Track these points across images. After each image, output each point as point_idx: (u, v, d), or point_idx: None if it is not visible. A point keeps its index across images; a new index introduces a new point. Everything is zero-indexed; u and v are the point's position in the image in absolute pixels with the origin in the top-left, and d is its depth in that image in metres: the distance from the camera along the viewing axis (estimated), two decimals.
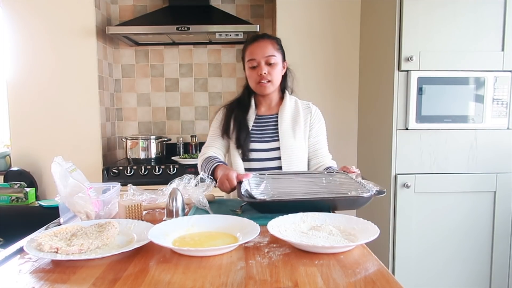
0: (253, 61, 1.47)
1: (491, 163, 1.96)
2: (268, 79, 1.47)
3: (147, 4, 2.74)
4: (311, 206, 1.03)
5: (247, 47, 1.51)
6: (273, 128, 1.53)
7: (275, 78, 1.49)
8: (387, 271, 0.72)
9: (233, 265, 0.74)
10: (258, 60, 1.46)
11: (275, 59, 1.47)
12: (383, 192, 1.08)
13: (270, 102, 1.58)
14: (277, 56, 1.49)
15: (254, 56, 1.47)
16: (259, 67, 1.46)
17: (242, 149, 1.49)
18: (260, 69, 1.46)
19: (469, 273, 1.99)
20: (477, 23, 1.88)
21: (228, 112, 1.58)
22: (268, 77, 1.47)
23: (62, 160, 1.03)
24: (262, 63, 1.46)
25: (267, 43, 1.49)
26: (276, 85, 1.51)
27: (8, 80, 2.40)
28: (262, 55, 1.46)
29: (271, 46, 1.48)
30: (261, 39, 1.50)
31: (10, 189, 1.56)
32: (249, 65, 1.48)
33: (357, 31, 2.45)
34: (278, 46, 1.51)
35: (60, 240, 0.84)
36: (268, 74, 1.46)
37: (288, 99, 1.57)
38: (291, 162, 1.49)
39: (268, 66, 1.47)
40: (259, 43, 1.49)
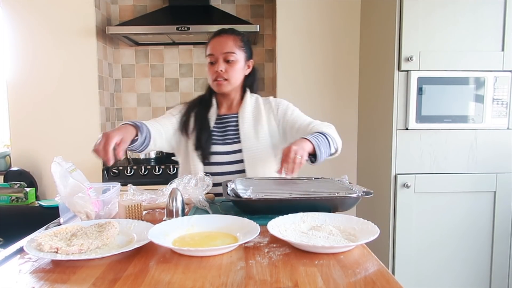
0: (212, 56, 1.40)
1: (491, 163, 1.96)
2: (224, 77, 1.39)
3: (147, 4, 2.74)
4: (298, 206, 1.02)
5: (209, 42, 1.43)
6: (234, 129, 1.46)
7: (232, 77, 1.40)
8: (387, 271, 0.72)
9: (233, 265, 0.74)
10: (217, 56, 1.39)
11: (234, 56, 1.39)
12: (371, 193, 1.08)
13: (231, 101, 1.50)
14: (238, 54, 1.40)
15: (213, 51, 1.39)
16: (217, 64, 1.39)
17: (202, 152, 1.41)
18: (217, 66, 1.38)
19: (469, 273, 1.99)
20: (477, 23, 1.88)
21: (189, 108, 1.49)
22: (225, 75, 1.39)
23: (62, 160, 1.03)
24: (220, 60, 1.38)
25: (229, 39, 1.40)
26: (234, 84, 1.43)
27: (8, 80, 2.40)
28: (221, 51, 1.38)
29: (232, 42, 1.40)
30: (223, 34, 1.42)
31: (10, 189, 1.56)
32: (208, 60, 1.41)
33: (357, 31, 2.45)
34: (241, 43, 1.43)
35: (60, 240, 0.84)
36: (225, 72, 1.39)
37: (248, 97, 1.49)
38: (255, 165, 1.42)
39: (226, 63, 1.39)
40: (220, 38, 1.41)
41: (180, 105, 1.53)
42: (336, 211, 1.07)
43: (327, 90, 2.49)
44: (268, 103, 1.50)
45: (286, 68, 2.46)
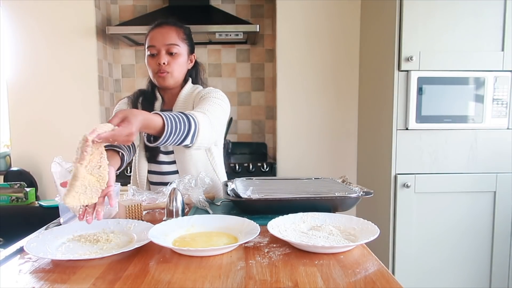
0: (153, 48, 1.32)
1: (491, 163, 1.96)
2: (167, 71, 1.32)
3: (147, 4, 2.74)
4: (298, 206, 1.02)
5: (149, 33, 1.35)
6: None
7: (175, 71, 1.33)
8: (387, 271, 0.72)
9: (233, 265, 0.74)
10: (158, 47, 1.31)
11: (178, 49, 1.32)
12: (371, 193, 1.08)
13: (172, 95, 1.41)
14: (181, 46, 1.34)
15: (154, 42, 1.32)
16: (159, 56, 1.31)
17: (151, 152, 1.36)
18: (159, 58, 1.31)
19: (469, 273, 1.99)
20: (477, 23, 1.88)
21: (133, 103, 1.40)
22: (168, 68, 1.32)
23: (62, 160, 1.03)
24: (163, 52, 1.31)
25: (171, 30, 1.33)
26: (177, 78, 1.36)
27: (8, 80, 2.40)
28: (163, 42, 1.31)
29: (175, 34, 1.33)
30: (165, 25, 1.35)
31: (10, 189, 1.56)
32: (148, 52, 1.33)
33: (357, 31, 2.45)
34: (184, 36, 1.36)
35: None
36: (167, 65, 1.32)
37: (185, 91, 1.39)
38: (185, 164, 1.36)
39: (169, 56, 1.32)
40: (162, 29, 1.33)
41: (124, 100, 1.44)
42: (336, 211, 1.08)
43: (327, 90, 2.49)
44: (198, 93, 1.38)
45: (286, 68, 2.46)
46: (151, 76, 1.38)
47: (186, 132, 1.04)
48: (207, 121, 1.13)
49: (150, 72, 1.37)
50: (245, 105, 2.84)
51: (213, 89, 1.36)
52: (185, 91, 1.40)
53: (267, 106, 2.85)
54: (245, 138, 2.85)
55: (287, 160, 2.50)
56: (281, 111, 2.50)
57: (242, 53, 2.81)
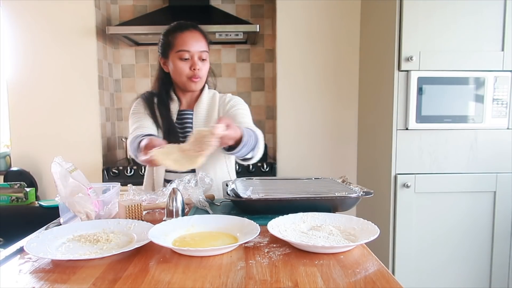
0: (186, 52, 1.33)
1: (491, 163, 1.96)
2: (200, 76, 1.36)
3: (147, 4, 2.74)
4: (298, 206, 1.02)
5: (177, 34, 1.35)
6: (189, 125, 1.42)
7: (204, 75, 1.39)
8: (387, 271, 0.72)
9: (233, 265, 0.74)
10: (192, 53, 1.33)
11: (207, 55, 1.37)
12: (371, 193, 1.08)
13: (191, 97, 1.45)
14: (208, 52, 1.38)
15: (188, 47, 1.33)
16: (192, 61, 1.34)
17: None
18: (194, 64, 1.33)
19: (469, 273, 1.99)
20: (477, 23, 1.88)
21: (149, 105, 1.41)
22: (200, 73, 1.35)
23: (62, 160, 1.03)
24: (196, 58, 1.34)
25: (201, 36, 1.37)
26: (203, 82, 1.42)
27: (8, 80, 2.40)
28: (197, 49, 1.34)
29: (205, 40, 1.37)
30: (193, 29, 1.37)
31: (10, 189, 1.56)
32: (180, 56, 1.34)
33: (357, 31, 2.45)
34: (208, 41, 1.40)
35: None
36: (200, 70, 1.35)
37: (206, 93, 1.45)
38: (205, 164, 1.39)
39: (200, 61, 1.35)
40: (193, 33, 1.35)
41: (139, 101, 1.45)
42: (336, 211, 1.07)
43: (327, 90, 2.49)
44: (223, 99, 1.45)
45: (286, 68, 2.46)
46: (179, 79, 1.38)
47: (253, 146, 1.20)
48: (261, 137, 1.27)
49: (180, 76, 1.37)
50: None
51: (239, 99, 1.46)
52: (206, 94, 1.45)
53: (267, 106, 2.85)
54: None
55: (287, 160, 2.50)
56: (281, 111, 2.50)
57: (242, 53, 2.81)
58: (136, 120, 1.39)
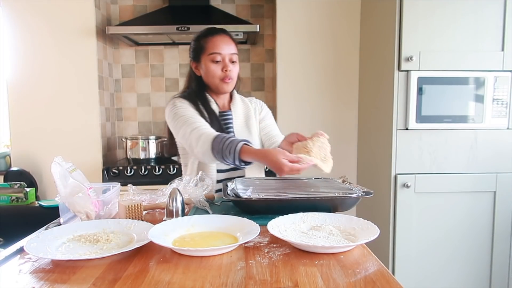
0: (218, 55, 1.39)
1: (491, 163, 1.96)
2: (231, 77, 1.41)
3: (147, 4, 2.74)
4: (298, 206, 1.02)
5: (209, 38, 1.41)
6: (230, 125, 1.48)
7: (235, 77, 1.45)
8: (387, 271, 0.72)
9: (233, 265, 0.74)
10: (223, 55, 1.39)
11: (237, 57, 1.43)
12: (371, 193, 1.08)
13: (224, 99, 1.51)
14: (238, 55, 1.45)
15: (219, 50, 1.39)
16: (224, 63, 1.40)
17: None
18: (225, 65, 1.39)
19: (469, 273, 1.99)
20: (477, 23, 1.88)
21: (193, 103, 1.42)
22: (231, 74, 1.41)
23: (62, 160, 1.03)
24: (227, 60, 1.40)
25: (231, 40, 1.44)
26: (234, 84, 1.48)
27: (8, 80, 2.40)
28: (228, 51, 1.40)
29: (234, 44, 1.44)
30: (223, 34, 1.44)
31: (10, 189, 1.56)
32: (212, 58, 1.39)
33: (357, 31, 2.45)
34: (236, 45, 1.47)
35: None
36: (231, 72, 1.41)
37: (237, 95, 1.54)
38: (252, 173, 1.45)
39: (231, 63, 1.41)
40: (224, 37, 1.42)
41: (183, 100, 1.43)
42: (336, 211, 1.07)
43: (327, 90, 2.49)
44: (253, 102, 1.57)
45: (286, 68, 2.46)
46: (213, 81, 1.42)
47: None
48: None
49: (212, 78, 1.41)
50: None
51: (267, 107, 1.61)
52: (237, 96, 1.54)
53: (267, 106, 2.84)
54: None
55: None
56: (281, 111, 2.50)
57: (242, 53, 2.81)
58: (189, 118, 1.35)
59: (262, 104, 1.60)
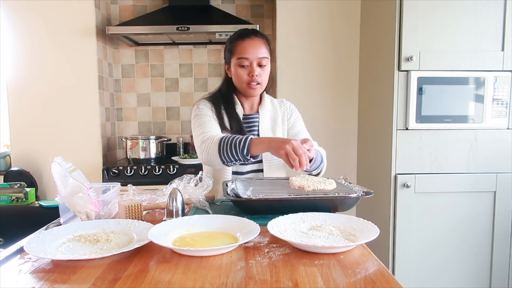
0: (245, 60, 1.38)
1: (491, 163, 1.96)
2: (258, 81, 1.39)
3: (147, 4, 2.75)
4: (298, 206, 1.02)
5: (238, 42, 1.40)
6: (256, 128, 1.47)
7: (264, 81, 1.42)
8: (387, 271, 0.72)
9: (233, 265, 0.74)
10: (251, 60, 1.37)
11: (267, 61, 1.40)
12: (371, 193, 1.08)
13: (253, 101, 1.51)
14: (268, 58, 1.41)
15: (246, 54, 1.37)
16: (251, 68, 1.38)
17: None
18: (252, 70, 1.38)
19: (469, 273, 1.99)
20: (477, 23, 1.88)
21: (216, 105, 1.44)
22: (259, 79, 1.39)
23: (62, 160, 1.03)
24: (254, 64, 1.38)
25: (261, 42, 1.40)
26: (264, 87, 1.45)
27: (8, 80, 2.40)
28: (256, 55, 1.37)
29: (264, 46, 1.40)
30: (254, 36, 1.40)
31: (10, 189, 1.56)
32: (240, 63, 1.38)
33: (357, 31, 2.45)
34: (269, 47, 1.44)
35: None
36: (259, 76, 1.39)
37: (267, 98, 1.52)
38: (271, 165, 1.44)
39: (259, 67, 1.39)
40: (253, 40, 1.39)
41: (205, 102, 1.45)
42: (336, 211, 1.07)
43: (327, 90, 2.49)
44: (283, 106, 1.55)
45: (286, 68, 2.46)
46: (239, 85, 1.42)
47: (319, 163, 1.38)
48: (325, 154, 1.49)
49: (239, 82, 1.41)
50: None
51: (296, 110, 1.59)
52: (267, 99, 1.52)
53: None
54: None
55: None
56: None
57: None
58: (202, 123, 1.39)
59: (292, 108, 1.56)
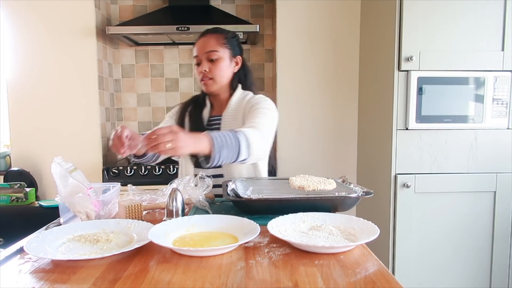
0: (196, 57, 1.41)
1: (491, 163, 1.96)
2: (209, 77, 1.39)
3: (147, 4, 2.74)
4: (298, 206, 1.02)
5: (196, 43, 1.43)
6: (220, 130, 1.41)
7: (217, 75, 1.39)
8: (387, 271, 0.72)
9: (233, 265, 0.74)
10: (200, 56, 1.39)
11: (217, 54, 1.38)
12: (371, 193, 1.08)
13: (221, 101, 1.47)
14: (221, 51, 1.38)
15: (196, 52, 1.41)
16: (201, 64, 1.39)
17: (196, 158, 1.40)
18: (201, 66, 1.39)
19: (469, 273, 1.99)
20: (477, 23, 1.88)
21: (183, 109, 1.49)
22: (209, 74, 1.38)
23: (62, 160, 1.03)
24: (204, 60, 1.38)
25: (211, 38, 1.40)
26: (220, 83, 1.41)
27: (8, 80, 2.40)
28: (203, 50, 1.38)
29: (214, 41, 1.39)
30: (206, 34, 1.42)
31: (10, 189, 1.56)
32: (195, 62, 1.42)
33: (357, 31, 2.45)
34: (224, 41, 1.40)
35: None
36: (209, 72, 1.38)
37: (235, 97, 1.45)
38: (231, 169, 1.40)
39: (210, 62, 1.38)
40: (203, 38, 1.41)
41: (177, 106, 1.54)
42: (336, 211, 1.07)
43: (327, 90, 2.49)
44: (248, 101, 1.42)
45: (286, 68, 2.46)
46: (199, 83, 1.45)
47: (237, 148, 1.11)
48: (257, 134, 1.19)
49: (198, 80, 1.44)
50: None
51: (262, 98, 1.41)
52: (236, 98, 1.45)
53: None
54: None
55: (287, 160, 2.50)
56: (281, 111, 2.49)
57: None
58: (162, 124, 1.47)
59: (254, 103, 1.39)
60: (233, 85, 1.47)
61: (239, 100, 1.44)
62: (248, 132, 1.16)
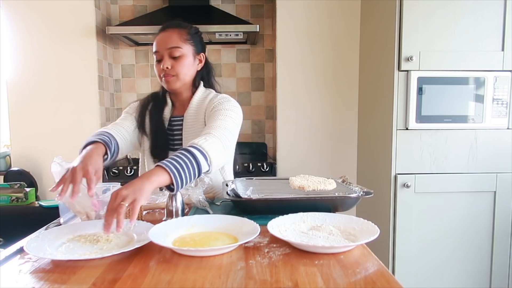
0: (157, 53, 1.32)
1: (491, 163, 1.96)
2: (172, 74, 1.31)
3: (147, 4, 2.74)
4: (298, 206, 1.02)
5: (155, 38, 1.34)
6: (179, 133, 1.37)
7: (181, 73, 1.31)
8: (387, 271, 0.72)
9: (233, 265, 0.74)
10: (161, 52, 1.30)
11: (180, 51, 1.30)
12: (371, 193, 1.08)
13: (183, 100, 1.40)
14: (184, 48, 1.31)
15: (157, 48, 1.32)
16: (163, 61, 1.30)
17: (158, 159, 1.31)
18: (163, 63, 1.30)
19: (469, 273, 1.99)
20: (477, 23, 1.88)
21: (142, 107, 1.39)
22: (172, 71, 1.31)
23: (62, 160, 1.03)
24: (166, 56, 1.30)
25: (173, 33, 1.31)
26: (184, 80, 1.34)
27: (8, 80, 2.40)
28: (165, 46, 1.30)
29: (177, 36, 1.31)
30: (168, 28, 1.33)
31: (10, 189, 1.56)
32: (156, 58, 1.33)
33: (357, 31, 2.45)
34: (187, 37, 1.33)
35: None
36: (171, 69, 1.30)
37: (197, 97, 1.38)
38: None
39: (172, 59, 1.30)
40: (164, 33, 1.33)
41: (136, 103, 1.45)
42: (336, 211, 1.07)
43: (327, 90, 2.49)
44: (209, 102, 1.35)
45: (286, 68, 2.46)
46: (159, 80, 1.37)
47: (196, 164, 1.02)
48: (212, 141, 1.11)
49: (158, 77, 1.36)
50: (245, 105, 2.83)
51: (224, 98, 1.33)
52: (197, 97, 1.38)
53: (267, 106, 2.85)
54: (245, 138, 2.85)
55: (287, 160, 2.50)
56: (281, 111, 2.50)
57: (242, 53, 2.81)
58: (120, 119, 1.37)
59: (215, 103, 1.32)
60: (196, 83, 1.40)
61: (201, 100, 1.38)
62: (202, 143, 1.07)
